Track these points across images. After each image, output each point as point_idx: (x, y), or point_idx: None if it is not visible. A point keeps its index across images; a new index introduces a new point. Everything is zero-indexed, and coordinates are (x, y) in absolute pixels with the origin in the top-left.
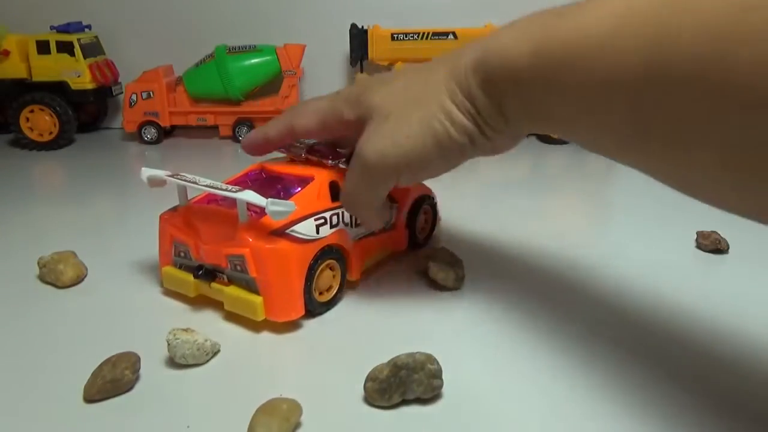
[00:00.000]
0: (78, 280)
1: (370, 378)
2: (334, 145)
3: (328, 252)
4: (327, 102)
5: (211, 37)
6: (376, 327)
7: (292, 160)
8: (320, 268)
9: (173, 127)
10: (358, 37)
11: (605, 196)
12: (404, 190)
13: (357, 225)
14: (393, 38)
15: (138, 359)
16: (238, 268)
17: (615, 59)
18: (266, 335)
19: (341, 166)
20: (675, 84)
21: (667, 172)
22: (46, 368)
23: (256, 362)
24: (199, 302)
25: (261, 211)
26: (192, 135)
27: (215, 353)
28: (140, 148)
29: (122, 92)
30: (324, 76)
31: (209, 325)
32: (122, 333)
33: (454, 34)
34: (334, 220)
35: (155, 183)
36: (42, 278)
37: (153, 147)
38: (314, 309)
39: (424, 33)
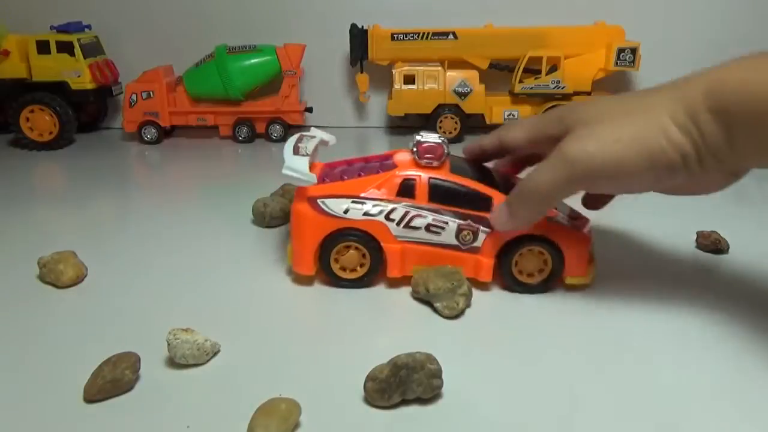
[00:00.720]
0: (78, 280)
1: (370, 378)
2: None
3: (353, 233)
4: (535, 119)
5: (211, 37)
6: (376, 327)
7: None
8: (342, 245)
9: (173, 127)
10: (358, 37)
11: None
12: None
13: (410, 227)
14: (393, 38)
15: (138, 359)
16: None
17: None
18: (266, 335)
19: (434, 164)
20: None
21: None
22: (47, 368)
23: (256, 362)
24: (201, 302)
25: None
26: (192, 135)
27: (215, 353)
28: (140, 148)
29: (122, 92)
30: (324, 76)
31: (209, 325)
32: (122, 333)
33: (454, 34)
34: (375, 210)
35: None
36: (42, 278)
37: (153, 147)
38: (334, 280)
39: (424, 33)
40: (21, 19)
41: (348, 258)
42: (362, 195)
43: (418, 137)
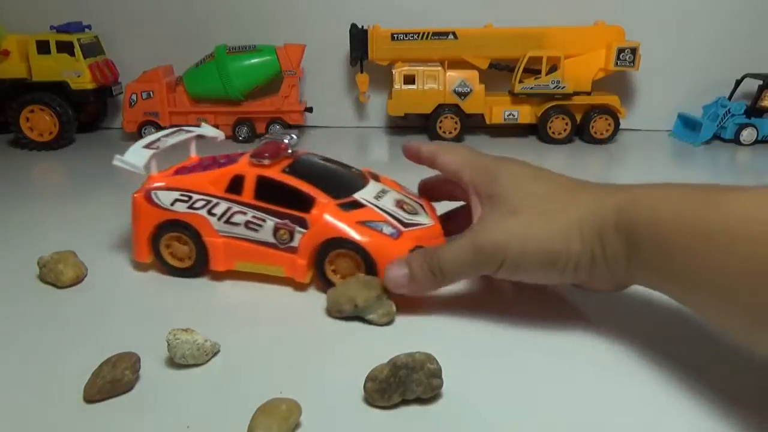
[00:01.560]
0: (78, 280)
1: (370, 378)
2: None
3: (177, 225)
4: (473, 159)
5: (211, 37)
6: (376, 326)
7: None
8: (169, 236)
9: None
10: (358, 37)
11: None
12: (321, 221)
13: (230, 222)
14: (393, 38)
15: (138, 359)
16: None
17: None
18: (266, 335)
19: (264, 162)
20: None
21: None
22: (47, 368)
23: (256, 362)
24: (201, 302)
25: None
26: None
27: (215, 353)
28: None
29: (122, 92)
30: (324, 76)
31: (209, 326)
32: (122, 333)
33: (454, 34)
34: (199, 204)
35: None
36: (42, 278)
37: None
38: (167, 268)
39: (424, 33)
40: (21, 19)
41: (177, 249)
42: (190, 189)
43: (266, 135)
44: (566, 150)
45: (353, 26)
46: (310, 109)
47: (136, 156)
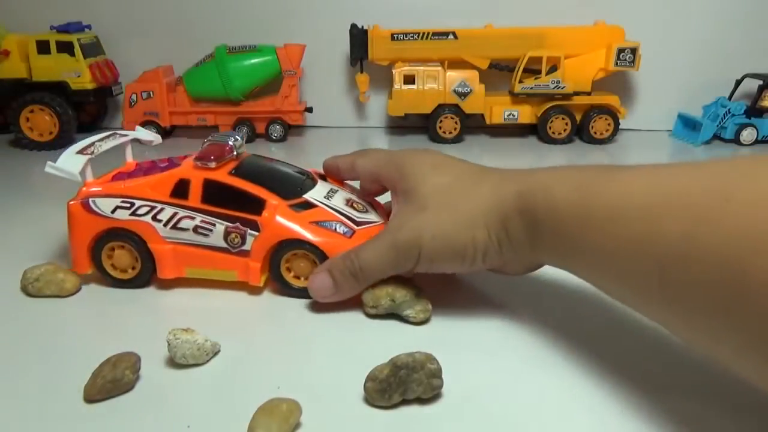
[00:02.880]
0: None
1: (370, 378)
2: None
3: (120, 235)
4: (385, 158)
5: (211, 37)
6: (376, 326)
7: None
8: (110, 245)
9: (173, 127)
10: (358, 37)
11: None
12: (274, 224)
13: (177, 228)
14: (393, 38)
15: (138, 359)
16: None
17: (657, 224)
18: (266, 335)
19: (210, 165)
20: (706, 265)
21: (686, 338)
22: (47, 368)
23: (256, 362)
24: (201, 302)
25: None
26: (192, 135)
27: (215, 353)
28: (140, 148)
29: (122, 92)
30: (324, 76)
31: (209, 325)
32: (122, 333)
33: (454, 34)
34: (143, 210)
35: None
36: (39, 293)
37: (153, 147)
38: (109, 280)
39: (424, 33)
40: (21, 19)
41: (119, 258)
42: (133, 195)
43: (210, 137)
44: (566, 150)
45: (353, 26)
46: (310, 109)
47: (70, 162)
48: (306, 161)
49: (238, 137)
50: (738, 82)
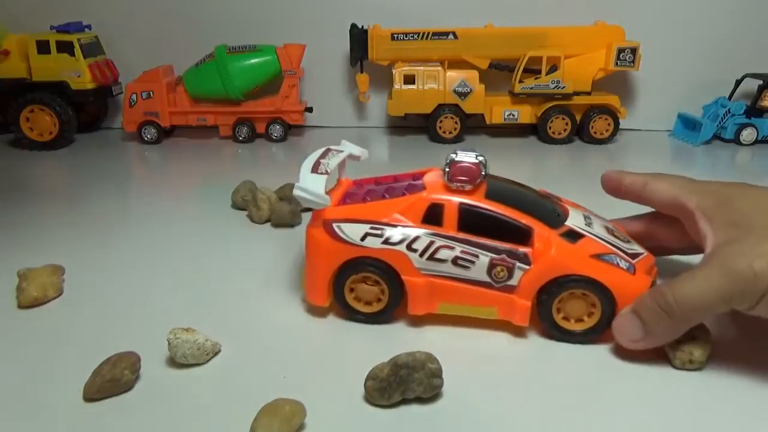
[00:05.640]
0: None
1: (371, 377)
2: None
3: (370, 264)
4: (690, 182)
5: (211, 37)
6: (376, 326)
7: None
8: (355, 276)
9: (173, 127)
10: (358, 37)
11: (606, 195)
12: (550, 257)
13: (434, 258)
14: (393, 38)
15: (138, 359)
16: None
17: None
18: (267, 335)
19: (465, 188)
20: None
21: None
22: (48, 367)
23: (257, 362)
24: (201, 301)
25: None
26: (192, 135)
27: (216, 353)
28: (140, 148)
29: (122, 92)
30: (324, 76)
31: (210, 325)
32: (123, 332)
33: (454, 34)
34: (396, 238)
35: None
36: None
37: (153, 147)
38: (349, 313)
39: (424, 33)
40: (21, 19)
41: (364, 290)
42: (383, 221)
43: (452, 155)
44: (566, 150)
45: (353, 26)
46: (310, 109)
47: (314, 183)
48: None
49: (481, 155)
50: (738, 82)
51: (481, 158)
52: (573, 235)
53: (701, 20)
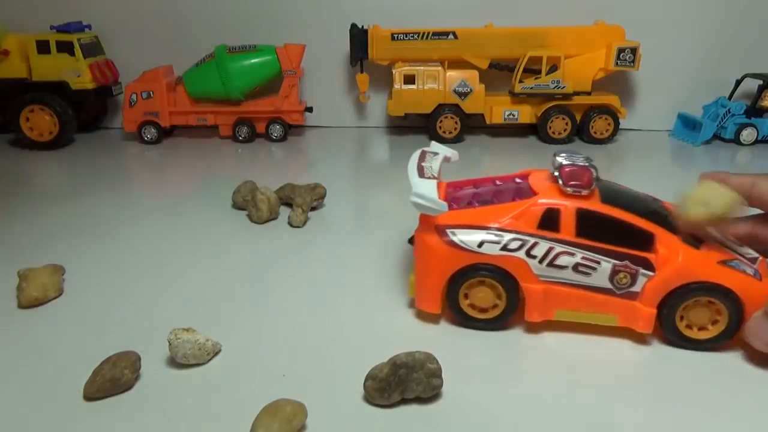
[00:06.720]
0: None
1: (370, 377)
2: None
3: (485, 270)
4: None
5: (211, 37)
6: (376, 326)
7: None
8: (471, 281)
9: (173, 127)
10: (358, 37)
11: None
12: (677, 263)
13: (554, 265)
14: (393, 38)
15: (138, 359)
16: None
17: None
18: (267, 335)
19: (583, 192)
20: None
21: None
22: (48, 367)
23: (257, 362)
24: (201, 302)
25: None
26: (192, 135)
27: (216, 353)
28: (140, 148)
29: (122, 92)
30: (324, 76)
31: (210, 325)
32: (124, 332)
33: (454, 34)
34: (515, 244)
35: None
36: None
37: (153, 147)
38: (463, 319)
39: (424, 33)
40: (21, 19)
41: (480, 296)
42: (497, 226)
43: (559, 159)
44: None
45: (353, 26)
46: (310, 109)
47: (428, 189)
48: (306, 161)
49: (590, 159)
50: (738, 82)
51: (590, 161)
52: (694, 241)
53: (701, 20)
